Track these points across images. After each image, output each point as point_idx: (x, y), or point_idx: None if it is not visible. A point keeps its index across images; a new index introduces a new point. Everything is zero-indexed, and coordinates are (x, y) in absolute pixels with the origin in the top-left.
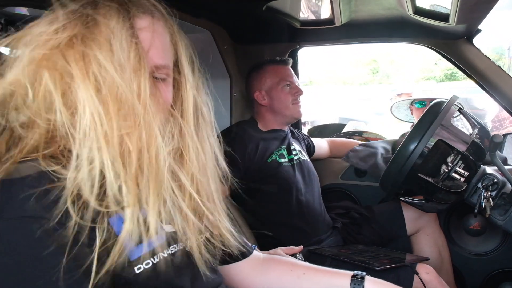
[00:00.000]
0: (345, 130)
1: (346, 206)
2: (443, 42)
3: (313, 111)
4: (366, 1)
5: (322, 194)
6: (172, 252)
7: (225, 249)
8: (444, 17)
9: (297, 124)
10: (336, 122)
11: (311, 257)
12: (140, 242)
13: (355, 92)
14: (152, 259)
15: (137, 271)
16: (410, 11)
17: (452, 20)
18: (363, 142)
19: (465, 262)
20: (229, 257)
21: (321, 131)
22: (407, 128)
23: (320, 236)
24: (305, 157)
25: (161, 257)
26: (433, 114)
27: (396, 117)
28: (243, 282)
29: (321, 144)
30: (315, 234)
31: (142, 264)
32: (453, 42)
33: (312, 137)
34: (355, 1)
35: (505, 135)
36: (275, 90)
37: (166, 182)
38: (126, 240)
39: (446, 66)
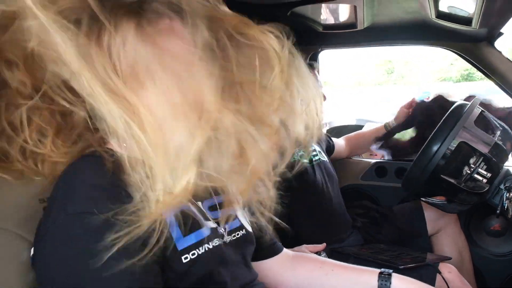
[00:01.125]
0: None
1: (366, 206)
2: (464, 45)
3: (329, 112)
4: (389, 5)
5: (342, 194)
6: (216, 245)
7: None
8: (467, 21)
9: None
10: (353, 123)
11: (333, 255)
12: (189, 233)
13: (371, 93)
14: (197, 250)
15: (184, 261)
16: (432, 15)
17: (475, 24)
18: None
19: (485, 263)
20: (261, 254)
21: (339, 132)
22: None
23: (341, 235)
24: (324, 157)
25: (206, 249)
26: (455, 116)
27: None
28: (274, 278)
29: (339, 143)
30: (336, 233)
31: (188, 254)
32: (474, 45)
33: None
34: (378, 6)
35: None
36: None
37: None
38: (176, 230)
39: (462, 66)
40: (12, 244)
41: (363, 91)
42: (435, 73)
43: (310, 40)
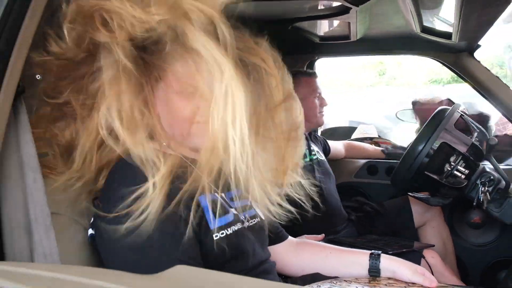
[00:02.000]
0: (356, 135)
1: (360, 201)
2: (447, 55)
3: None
4: (379, 21)
5: (338, 191)
6: (239, 227)
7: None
8: (447, 35)
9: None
10: (346, 125)
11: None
12: (218, 216)
13: (363, 95)
14: (226, 230)
15: (215, 238)
16: (418, 30)
17: (454, 38)
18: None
19: (467, 252)
20: (270, 240)
21: (332, 133)
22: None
23: (338, 227)
24: (322, 157)
25: (232, 230)
26: (438, 119)
27: (401, 120)
28: (281, 261)
29: (337, 146)
30: (333, 226)
31: (218, 233)
32: (456, 55)
33: None
34: (370, 21)
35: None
36: (308, 99)
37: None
38: (208, 213)
39: None
40: (70, 228)
41: (355, 92)
42: (426, 75)
43: (308, 49)
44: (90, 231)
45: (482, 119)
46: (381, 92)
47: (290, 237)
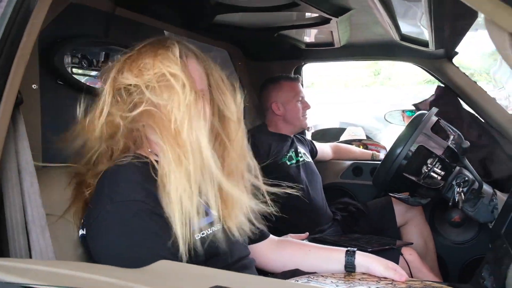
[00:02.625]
0: (344, 136)
1: (345, 202)
2: (427, 61)
3: (314, 115)
4: (360, 29)
5: (324, 191)
6: (219, 227)
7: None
8: (425, 43)
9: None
10: (337, 126)
11: (315, 243)
12: (200, 217)
13: (356, 95)
14: (207, 231)
15: (196, 238)
16: (397, 38)
17: (431, 45)
18: None
19: (447, 250)
20: (251, 239)
21: (323, 135)
22: None
23: (323, 226)
24: (309, 159)
25: (213, 231)
26: (415, 123)
27: (390, 122)
28: (263, 258)
29: (324, 148)
30: (318, 225)
31: (199, 233)
32: (435, 61)
33: (314, 141)
34: (351, 30)
35: None
36: (291, 103)
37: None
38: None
39: None
40: (63, 228)
41: (350, 92)
42: (421, 75)
43: (295, 55)
44: (81, 232)
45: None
46: (376, 92)
47: (271, 236)
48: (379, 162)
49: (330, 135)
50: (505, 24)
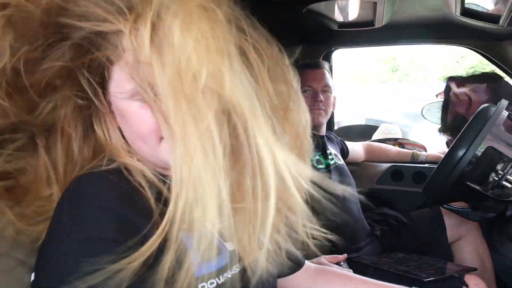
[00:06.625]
0: (378, 135)
1: (383, 213)
2: (487, 44)
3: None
4: (411, 1)
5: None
6: (237, 271)
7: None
8: (494, 19)
9: (329, 126)
10: (362, 123)
11: (351, 265)
12: (208, 260)
13: (376, 91)
14: (217, 278)
15: None
16: (457, 12)
17: (504, 21)
18: None
19: (508, 271)
20: (284, 270)
21: (347, 132)
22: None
23: (359, 243)
24: (341, 161)
25: (226, 278)
26: (482, 119)
27: (427, 120)
28: None
29: (355, 148)
30: (354, 242)
31: (206, 282)
32: (498, 44)
33: None
34: (400, 2)
35: None
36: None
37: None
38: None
39: (468, 64)
40: (15, 270)
41: (368, 88)
42: (440, 71)
43: (324, 39)
44: (32, 277)
45: None
46: (395, 88)
47: (307, 263)
48: (425, 165)
49: (354, 132)
50: None
